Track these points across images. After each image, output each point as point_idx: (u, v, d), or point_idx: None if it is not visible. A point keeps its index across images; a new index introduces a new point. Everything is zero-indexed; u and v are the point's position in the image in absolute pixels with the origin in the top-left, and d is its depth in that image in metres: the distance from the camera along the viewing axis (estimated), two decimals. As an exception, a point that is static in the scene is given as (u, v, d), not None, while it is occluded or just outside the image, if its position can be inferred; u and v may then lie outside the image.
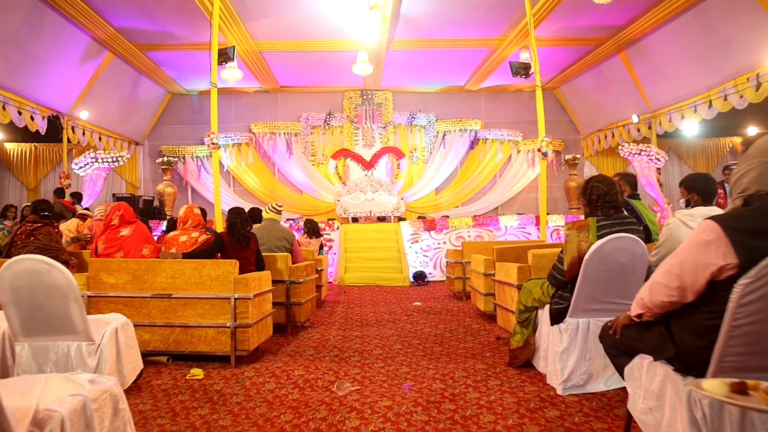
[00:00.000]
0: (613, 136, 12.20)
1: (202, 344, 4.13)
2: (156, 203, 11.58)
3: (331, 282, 9.10)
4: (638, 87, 10.89)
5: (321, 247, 7.20)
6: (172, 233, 4.59)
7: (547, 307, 3.49)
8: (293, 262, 5.55)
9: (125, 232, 4.75)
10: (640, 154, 9.63)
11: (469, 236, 9.52)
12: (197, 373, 3.86)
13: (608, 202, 3.29)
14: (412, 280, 8.91)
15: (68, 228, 6.06)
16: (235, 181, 12.82)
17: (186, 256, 4.28)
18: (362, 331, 5.28)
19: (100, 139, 11.40)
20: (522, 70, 7.91)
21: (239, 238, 4.53)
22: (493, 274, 5.54)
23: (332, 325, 5.68)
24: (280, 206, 5.90)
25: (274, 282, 5.23)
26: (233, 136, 12.50)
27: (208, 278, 4.13)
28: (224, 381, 3.67)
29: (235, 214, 4.61)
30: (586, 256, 3.14)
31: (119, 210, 4.82)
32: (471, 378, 3.59)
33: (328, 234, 9.63)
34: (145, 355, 4.15)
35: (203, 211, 5.76)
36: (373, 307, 6.77)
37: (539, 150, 7.76)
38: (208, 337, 4.12)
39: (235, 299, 4.10)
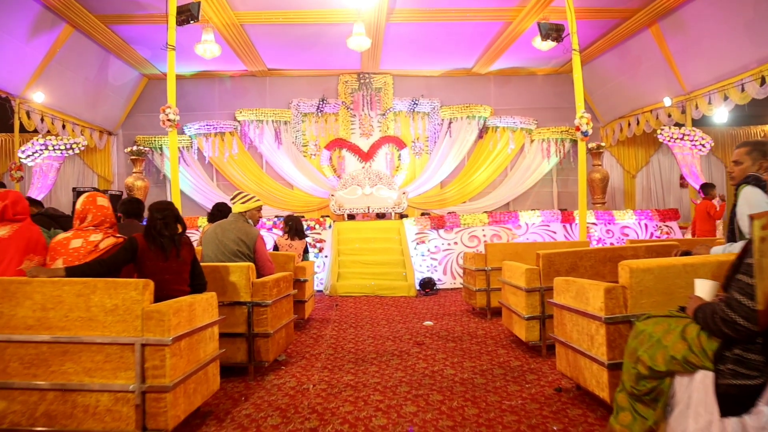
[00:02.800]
0: (638, 123, 10.48)
1: (89, 419, 2.38)
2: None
3: (321, 291, 7.33)
4: (671, 65, 9.17)
5: (306, 250, 5.46)
6: (61, 236, 2.84)
7: (703, 375, 1.76)
8: (259, 274, 3.81)
9: (2, 232, 2.99)
10: (682, 138, 7.90)
11: (484, 235, 7.77)
12: (67, 479, 2.12)
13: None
14: (418, 288, 7.15)
15: (-39, 228, 4.29)
16: (218, 174, 11.04)
17: (70, 272, 2.53)
18: (356, 375, 3.53)
19: (63, 127, 9.61)
20: (553, 32, 6.17)
21: (162, 244, 2.77)
22: (541, 290, 3.82)
23: (315, 361, 3.94)
24: (235, 197, 4.06)
25: (229, 305, 3.50)
26: (216, 124, 10.72)
27: (101, 310, 2.39)
28: (106, 501, 1.93)
29: (155, 210, 2.85)
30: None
31: (4, 200, 3.07)
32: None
33: (319, 233, 7.85)
34: (-1, 435, 2.43)
35: (134, 205, 4.00)
36: (371, 329, 5.03)
37: (577, 128, 6.03)
38: (100, 409, 2.38)
39: (143, 345, 2.36)
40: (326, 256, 7.69)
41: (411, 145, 11.01)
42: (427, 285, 7.12)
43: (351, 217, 9.81)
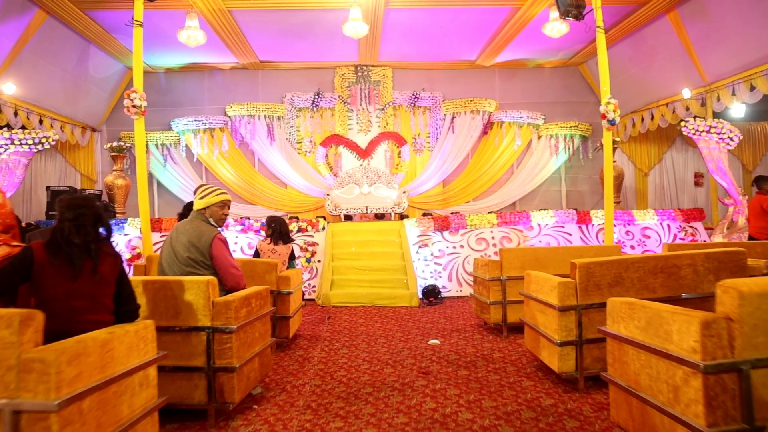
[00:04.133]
0: (652, 118, 9.65)
1: None
2: (105, 198, 9.00)
3: (313, 301, 6.48)
4: (691, 54, 8.33)
5: (292, 256, 4.63)
6: (-66, 244, 2.01)
7: None
8: (223, 290, 2.98)
9: None
10: (709, 131, 7.07)
11: (493, 238, 6.93)
12: None
13: None
14: (421, 296, 6.30)
15: None
16: (207, 173, 10.20)
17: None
18: (347, 420, 2.70)
19: (41, 122, 8.77)
20: (573, 8, 5.34)
21: (70, 256, 1.94)
22: (578, 309, 3.00)
23: (298, 395, 3.11)
24: (195, 191, 3.26)
25: (184, 331, 2.68)
26: (204, 119, 9.87)
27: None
28: None
29: (65, 207, 2.03)
30: None
31: None
32: None
33: (311, 236, 7.01)
34: None
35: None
36: (368, 349, 4.19)
37: (603, 116, 5.21)
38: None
39: (16, 413, 1.53)
40: (319, 261, 6.84)
41: (411, 142, 10.18)
42: (431, 293, 6.27)
43: (348, 217, 8.99)
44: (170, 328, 2.68)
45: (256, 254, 4.55)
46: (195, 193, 3.22)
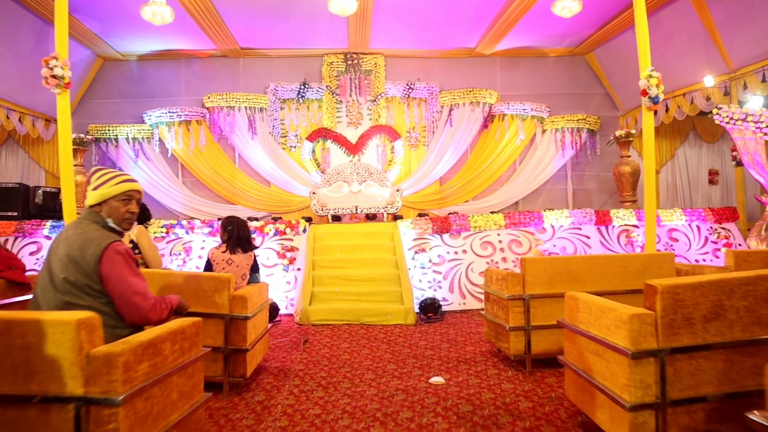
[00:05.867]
0: (666, 110, 8.63)
1: None
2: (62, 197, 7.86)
3: (291, 315, 5.37)
4: (714, 38, 7.32)
5: (255, 268, 3.54)
6: None
7: None
8: (126, 329, 1.89)
9: None
10: (745, 119, 6.05)
11: (500, 241, 5.87)
12: None
13: None
14: (418, 311, 5.21)
15: None
16: (184, 170, 9.07)
17: None
18: None
19: (-6, 112, 7.65)
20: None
21: None
22: (661, 356, 1.94)
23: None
24: (97, 177, 2.13)
25: (41, 402, 1.58)
26: (180, 111, 8.75)
27: None
28: None
29: None
30: None
31: None
32: None
33: (290, 239, 5.90)
34: None
35: None
36: (350, 391, 3.10)
37: (644, 93, 4.17)
38: None
39: None
40: (299, 269, 5.73)
41: (406, 136, 9.11)
42: (430, 308, 5.17)
43: (336, 218, 7.90)
44: (19, 398, 1.60)
45: (208, 266, 3.46)
46: (89, 181, 2.12)
